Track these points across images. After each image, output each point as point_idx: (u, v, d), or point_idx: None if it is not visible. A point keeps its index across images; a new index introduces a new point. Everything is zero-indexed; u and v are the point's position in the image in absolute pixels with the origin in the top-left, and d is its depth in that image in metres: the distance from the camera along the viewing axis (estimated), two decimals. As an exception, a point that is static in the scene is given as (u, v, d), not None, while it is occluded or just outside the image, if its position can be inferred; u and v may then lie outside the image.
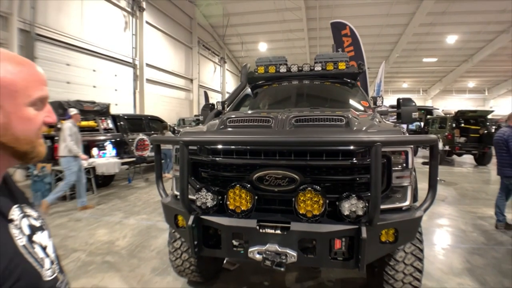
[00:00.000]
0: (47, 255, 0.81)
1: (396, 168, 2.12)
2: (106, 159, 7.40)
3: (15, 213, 0.77)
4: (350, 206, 1.92)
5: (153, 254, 3.99)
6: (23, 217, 0.79)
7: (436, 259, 3.86)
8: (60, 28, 10.29)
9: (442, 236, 4.73)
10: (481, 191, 7.59)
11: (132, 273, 3.49)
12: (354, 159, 2.06)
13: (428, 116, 16.13)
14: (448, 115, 13.79)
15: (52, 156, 6.49)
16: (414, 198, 2.26)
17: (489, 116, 12.93)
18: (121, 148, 8.21)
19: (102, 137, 7.85)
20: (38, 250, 0.78)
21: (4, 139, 0.71)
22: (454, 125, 12.28)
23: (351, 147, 2.05)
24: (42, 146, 0.80)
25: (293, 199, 2.02)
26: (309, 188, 1.95)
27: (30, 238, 0.77)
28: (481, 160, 12.15)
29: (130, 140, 8.59)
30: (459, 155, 12.90)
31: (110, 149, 7.73)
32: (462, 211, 5.89)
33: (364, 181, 2.10)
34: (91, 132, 7.73)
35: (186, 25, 19.87)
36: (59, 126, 6.92)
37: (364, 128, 2.25)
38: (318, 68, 4.19)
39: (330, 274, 3.44)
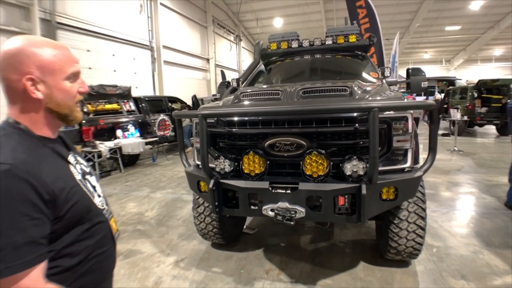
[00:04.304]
0: (95, 191, 1.10)
1: (397, 133, 2.30)
2: (131, 139, 7.82)
3: (71, 158, 1.05)
4: (352, 166, 2.15)
5: (179, 222, 4.37)
6: (76, 162, 1.08)
7: (445, 222, 4.02)
8: (78, 15, 10.56)
9: (453, 202, 4.85)
10: (499, 160, 7.53)
11: (161, 239, 3.88)
12: (355, 124, 2.25)
13: (449, 87, 15.71)
14: (469, 85, 13.39)
15: (80, 139, 6.96)
16: (415, 160, 2.44)
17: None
18: (144, 128, 8.61)
19: (125, 119, 8.25)
20: (89, 186, 1.07)
21: (50, 105, 0.95)
22: (475, 95, 11.98)
23: (352, 114, 2.24)
24: (79, 112, 1.04)
25: (301, 162, 2.26)
26: (315, 152, 2.19)
27: (83, 176, 1.06)
28: (504, 130, 11.85)
29: (152, 121, 8.97)
30: (480, 125, 12.65)
31: (133, 130, 8.14)
32: (477, 179, 5.95)
33: (365, 145, 2.29)
34: (115, 115, 8.15)
35: (200, 4, 19.73)
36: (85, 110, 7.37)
37: (366, 96, 2.43)
38: (329, 42, 4.29)
39: (342, 237, 3.70)
